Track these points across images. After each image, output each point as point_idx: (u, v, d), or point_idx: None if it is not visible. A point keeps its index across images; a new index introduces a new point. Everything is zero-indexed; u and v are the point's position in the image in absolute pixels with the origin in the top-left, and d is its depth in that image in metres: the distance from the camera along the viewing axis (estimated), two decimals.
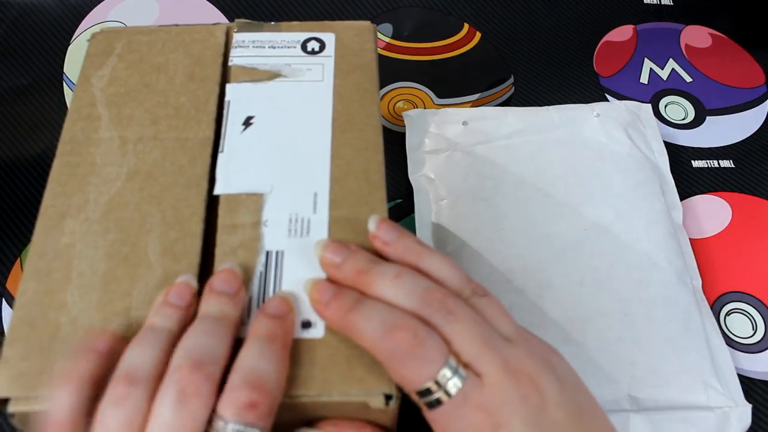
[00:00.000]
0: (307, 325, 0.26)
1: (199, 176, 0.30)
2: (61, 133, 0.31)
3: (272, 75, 0.33)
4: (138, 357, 0.23)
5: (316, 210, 0.29)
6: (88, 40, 0.35)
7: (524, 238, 0.43)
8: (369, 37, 0.36)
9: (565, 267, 0.42)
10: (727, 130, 0.54)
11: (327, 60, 0.34)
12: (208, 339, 0.23)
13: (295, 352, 0.25)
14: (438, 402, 0.24)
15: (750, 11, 0.62)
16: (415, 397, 0.25)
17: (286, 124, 0.32)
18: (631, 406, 0.38)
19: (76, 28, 0.56)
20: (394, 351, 0.24)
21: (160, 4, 0.57)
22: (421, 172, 0.47)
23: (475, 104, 0.54)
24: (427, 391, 0.24)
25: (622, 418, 0.38)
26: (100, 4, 0.57)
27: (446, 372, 0.24)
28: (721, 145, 0.53)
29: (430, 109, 0.51)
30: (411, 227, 0.45)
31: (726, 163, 0.52)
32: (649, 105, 0.52)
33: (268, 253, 0.28)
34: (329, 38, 0.35)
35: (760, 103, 0.56)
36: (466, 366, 0.24)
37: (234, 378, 0.23)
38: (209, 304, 0.25)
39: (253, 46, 0.35)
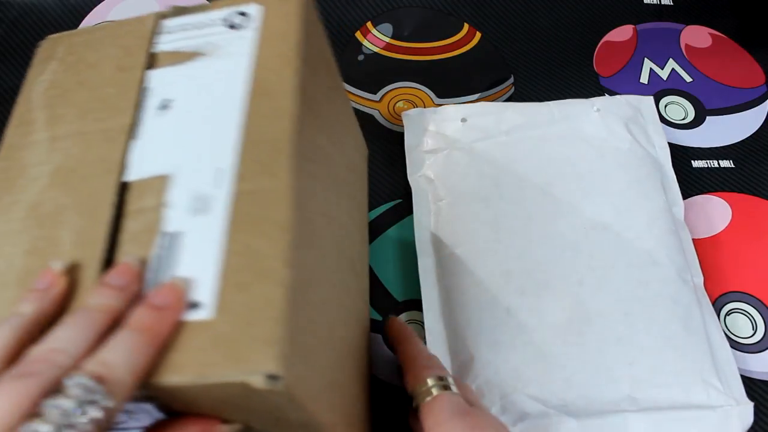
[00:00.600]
0: (194, 306, 0.25)
1: (114, 163, 0.29)
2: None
3: (193, 55, 0.32)
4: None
5: (219, 185, 0.27)
6: (36, 49, 0.35)
7: (523, 239, 0.43)
8: (294, 3, 0.33)
9: (563, 267, 0.42)
10: (727, 130, 0.54)
11: (249, 33, 0.32)
12: (67, 330, 0.24)
13: (178, 336, 0.24)
14: None
15: (750, 11, 0.62)
16: None
17: (203, 103, 0.30)
18: (632, 407, 0.38)
19: (76, 28, 0.56)
20: None
21: (159, 4, 0.57)
22: (420, 172, 0.47)
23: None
24: None
25: (621, 418, 0.37)
26: (100, 4, 0.57)
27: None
28: (721, 145, 0.53)
29: (429, 108, 0.50)
30: (410, 227, 0.45)
31: (726, 163, 0.52)
32: (651, 98, 0.51)
33: (167, 234, 0.27)
34: (253, 10, 0.33)
35: (760, 103, 0.56)
36: None
37: (85, 362, 0.23)
38: (91, 296, 0.25)
39: (180, 29, 0.34)
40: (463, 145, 0.47)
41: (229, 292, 0.25)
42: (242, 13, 0.33)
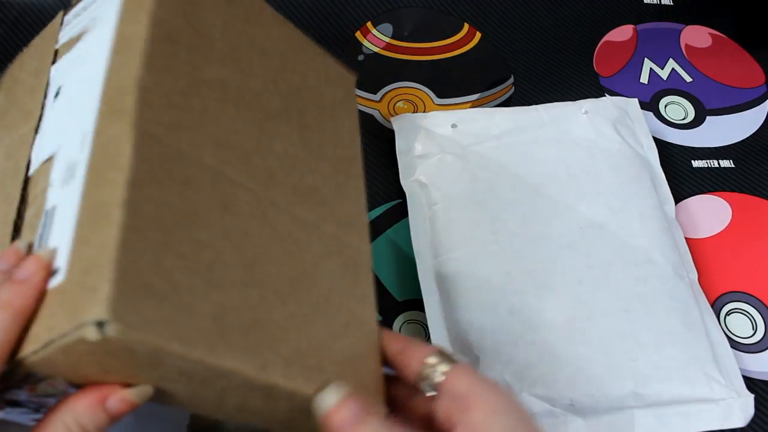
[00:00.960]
0: (54, 273, 0.24)
1: (22, 164, 0.29)
2: None
3: (78, 37, 0.31)
4: None
5: (83, 149, 0.26)
6: None
7: (520, 240, 0.43)
8: None
9: (562, 267, 0.42)
10: (727, 130, 0.54)
11: None
12: None
13: (38, 307, 0.23)
14: None
15: (750, 11, 0.62)
16: None
17: (81, 78, 0.29)
18: (636, 403, 0.38)
19: None
20: None
21: None
22: (413, 177, 0.47)
23: (475, 104, 0.54)
24: None
25: (627, 415, 0.38)
26: None
27: None
28: (721, 145, 0.53)
29: (418, 113, 0.50)
30: (406, 231, 0.45)
31: (726, 163, 0.52)
32: (636, 100, 0.52)
33: (47, 212, 0.26)
34: None
35: (760, 103, 0.56)
36: None
37: None
38: None
39: (74, 17, 0.33)
40: (455, 150, 0.47)
41: (76, 249, 0.23)
42: None
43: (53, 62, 0.32)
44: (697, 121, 0.54)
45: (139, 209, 0.23)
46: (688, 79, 0.57)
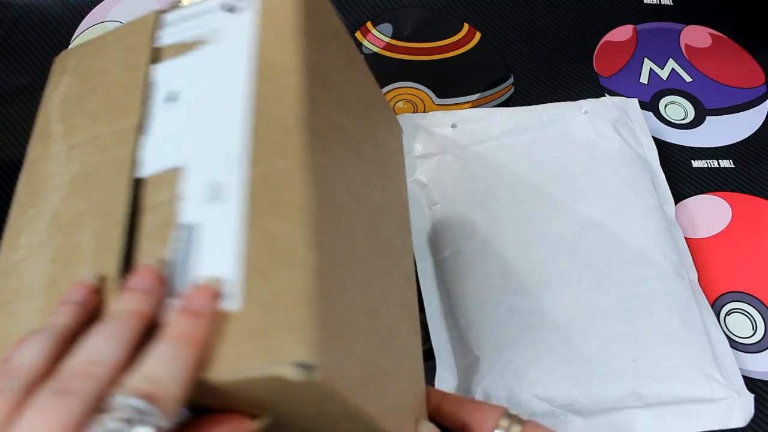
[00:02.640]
0: (221, 296, 0.24)
1: (125, 163, 0.29)
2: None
3: (194, 44, 0.32)
4: (25, 353, 0.23)
5: (232, 172, 0.26)
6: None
7: (520, 240, 0.43)
8: None
9: (562, 266, 0.42)
10: (727, 130, 0.54)
11: (248, 14, 0.31)
12: (101, 339, 0.23)
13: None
14: None
15: (750, 11, 0.62)
16: None
17: (208, 91, 0.29)
18: (636, 403, 0.38)
19: (76, 28, 0.56)
20: None
21: (159, 4, 0.57)
22: (413, 177, 0.47)
23: (475, 104, 0.54)
24: None
25: (627, 415, 0.38)
26: (100, 4, 0.57)
27: None
28: (721, 145, 0.53)
29: (418, 113, 0.50)
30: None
31: (726, 163, 0.52)
32: (636, 100, 0.52)
33: (183, 227, 0.26)
34: None
35: (760, 103, 0.56)
36: None
37: (129, 378, 0.22)
38: (118, 302, 0.24)
39: (181, 21, 0.33)
40: (455, 150, 0.47)
41: (253, 279, 0.23)
42: None
43: (153, 61, 0.32)
44: (697, 121, 0.54)
45: (323, 253, 0.24)
46: (688, 79, 0.57)
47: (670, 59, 0.58)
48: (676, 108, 0.55)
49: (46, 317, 0.25)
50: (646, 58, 0.58)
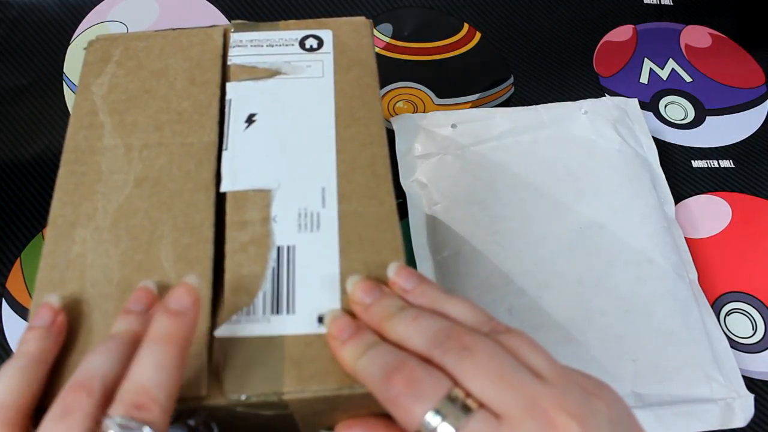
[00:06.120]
0: (321, 319, 0.27)
1: (207, 180, 0.30)
2: (65, 142, 0.32)
3: (272, 72, 0.34)
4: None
5: (325, 204, 0.29)
6: (85, 48, 0.35)
7: (520, 240, 0.43)
8: (366, 33, 0.36)
9: (562, 266, 0.42)
10: (727, 130, 0.54)
11: (326, 56, 0.34)
12: (102, 357, 0.23)
13: (316, 347, 0.26)
14: None
15: (750, 11, 0.62)
16: None
17: (289, 121, 0.32)
18: (636, 403, 0.38)
19: (76, 28, 0.56)
20: (389, 393, 0.23)
21: (159, 4, 0.57)
22: (413, 177, 0.47)
23: (475, 104, 0.54)
24: None
25: None
26: (100, 4, 0.57)
27: (439, 410, 0.22)
28: (721, 145, 0.53)
29: (418, 113, 0.50)
30: (406, 232, 0.45)
31: (726, 163, 0.52)
32: (636, 100, 0.52)
33: (279, 248, 0.28)
34: (327, 35, 0.35)
35: (760, 103, 0.56)
36: (482, 405, 0.22)
37: (120, 391, 0.22)
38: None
39: (251, 45, 0.35)
40: (455, 150, 0.47)
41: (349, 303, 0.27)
42: (317, 37, 0.35)
43: (226, 79, 0.34)
44: (697, 121, 0.54)
45: None
46: (688, 79, 0.57)
47: (670, 59, 0.58)
48: (676, 108, 0.55)
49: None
50: (646, 58, 0.58)
